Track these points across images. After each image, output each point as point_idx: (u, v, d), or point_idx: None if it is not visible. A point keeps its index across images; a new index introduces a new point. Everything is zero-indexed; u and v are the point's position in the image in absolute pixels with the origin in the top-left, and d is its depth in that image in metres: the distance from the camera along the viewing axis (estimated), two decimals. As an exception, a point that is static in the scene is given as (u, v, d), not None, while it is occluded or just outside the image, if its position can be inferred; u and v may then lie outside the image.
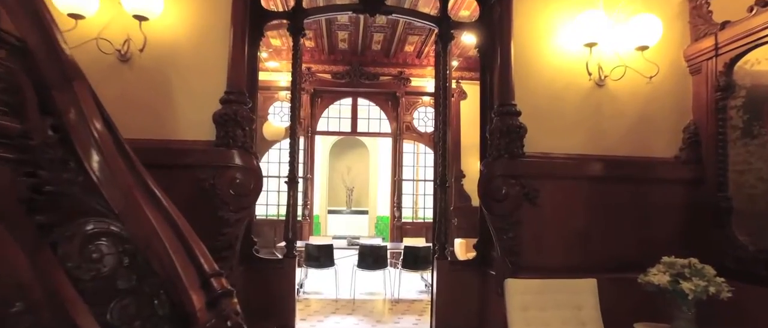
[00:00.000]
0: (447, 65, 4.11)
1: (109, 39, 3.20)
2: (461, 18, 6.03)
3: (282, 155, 9.82)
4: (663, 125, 3.71)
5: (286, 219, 3.87)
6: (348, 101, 9.57)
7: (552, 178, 3.49)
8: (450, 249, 4.02)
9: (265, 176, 9.53)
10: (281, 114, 9.05)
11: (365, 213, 14.24)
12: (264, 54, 7.73)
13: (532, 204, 3.42)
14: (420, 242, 7.50)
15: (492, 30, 3.78)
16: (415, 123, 9.49)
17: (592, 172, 3.58)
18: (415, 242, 7.39)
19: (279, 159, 9.83)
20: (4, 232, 1.38)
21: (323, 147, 14.04)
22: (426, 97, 9.42)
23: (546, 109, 3.62)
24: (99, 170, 1.62)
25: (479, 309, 3.78)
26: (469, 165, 8.99)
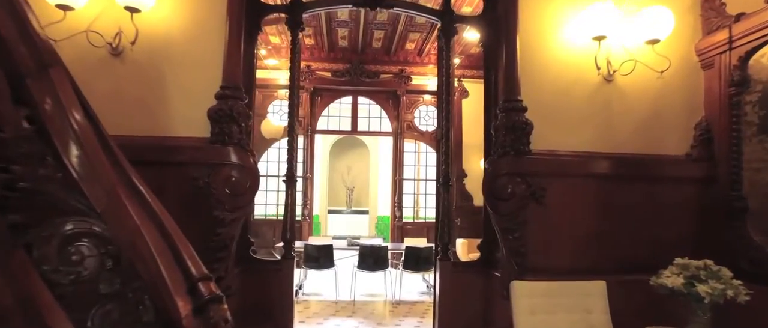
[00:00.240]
0: (450, 61, 3.99)
1: (100, 32, 3.07)
2: (463, 14, 5.90)
3: (281, 154, 9.71)
4: (673, 122, 3.59)
5: (284, 219, 3.76)
6: (348, 100, 9.46)
7: (559, 176, 3.37)
8: (452, 250, 3.90)
9: (264, 175, 9.50)
10: (280, 113, 8.95)
11: (366, 213, 14.13)
12: (263, 51, 7.63)
13: (538, 203, 3.31)
14: (421, 242, 7.39)
15: (496, 24, 3.66)
16: (416, 122, 9.38)
17: (600, 170, 3.46)
18: (417, 242, 7.28)
19: (278, 158, 9.71)
20: (-29, 232, 1.27)
21: (323, 146, 13.93)
22: (427, 96, 9.31)
23: (552, 105, 3.50)
24: (79, 165, 1.50)
25: (483, 312, 3.66)
26: (471, 164, 8.88)
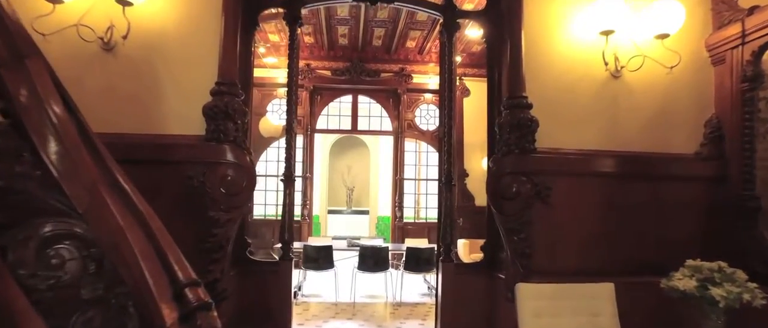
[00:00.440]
0: (452, 57, 3.89)
1: (91, 26, 2.97)
2: (466, 9, 5.79)
3: (280, 154, 9.54)
4: (682, 119, 3.49)
5: (281, 219, 3.65)
6: (348, 99, 9.36)
7: (565, 175, 3.27)
8: (455, 251, 3.80)
9: (263, 174, 9.40)
10: (280, 112, 8.85)
11: (366, 213, 14.03)
12: (262, 49, 7.52)
13: (544, 203, 3.21)
14: (422, 242, 7.28)
15: (500, 19, 3.56)
16: (417, 121, 9.27)
17: (607, 168, 3.36)
18: (418, 242, 7.18)
19: (277, 157, 9.60)
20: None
21: (323, 146, 13.83)
22: (428, 95, 9.21)
23: (558, 103, 3.40)
24: (59, 161, 1.41)
25: (487, 315, 3.56)
26: (473, 164, 8.79)
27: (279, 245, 3.73)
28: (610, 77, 3.42)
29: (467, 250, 7.29)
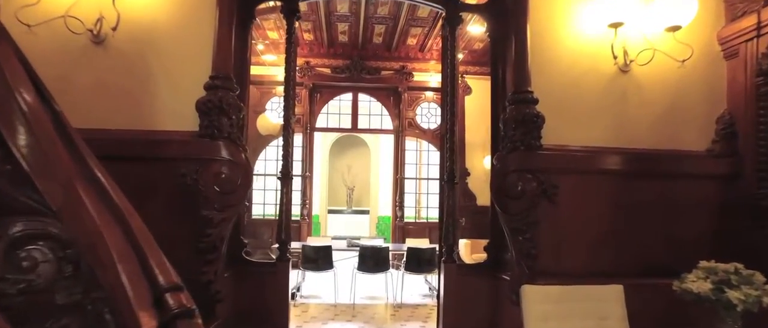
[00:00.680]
0: (454, 51, 3.78)
1: (79, 17, 2.85)
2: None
3: (279, 152, 9.45)
4: (693, 115, 3.37)
5: (278, 219, 3.54)
6: (348, 97, 9.25)
7: (572, 173, 3.16)
8: (457, 251, 3.69)
9: (263, 173, 9.27)
10: (279, 110, 8.71)
11: (366, 213, 13.90)
12: (260, 46, 7.41)
13: (550, 202, 3.09)
14: (423, 243, 7.16)
15: (505, 11, 3.44)
16: (418, 119, 9.16)
17: (615, 166, 3.26)
18: (419, 243, 7.05)
19: (277, 156, 9.46)
20: None
21: (323, 145, 13.71)
22: (429, 93, 9.09)
23: (565, 98, 3.29)
24: (31, 155, 1.29)
25: (490, 317, 3.44)
26: (474, 163, 8.68)
27: (276, 246, 3.62)
28: (618, 72, 3.30)
29: (469, 250, 7.18)
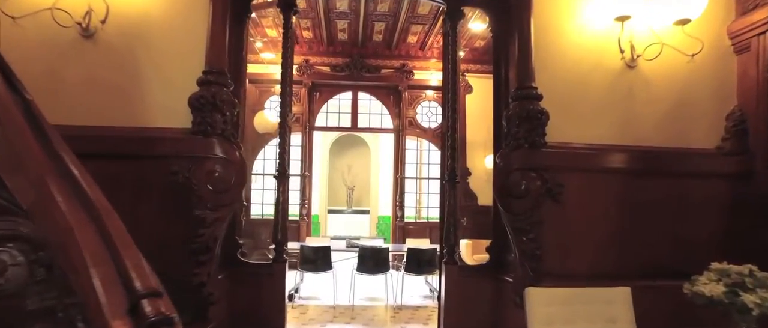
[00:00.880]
0: (456, 47, 3.68)
1: (67, 9, 2.75)
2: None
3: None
4: (702, 112, 3.27)
5: (275, 219, 3.45)
6: (348, 95, 9.15)
7: (578, 171, 3.06)
8: (458, 252, 3.59)
9: (262, 173, 9.16)
10: (278, 109, 8.63)
11: (366, 213, 13.81)
12: (258, 44, 7.32)
13: (555, 201, 2.99)
14: (424, 243, 7.06)
15: (508, 5, 3.34)
16: (419, 118, 9.06)
17: (622, 165, 3.15)
18: (419, 243, 6.95)
19: (276, 156, 9.37)
20: None
21: (323, 144, 13.62)
22: (430, 92, 8.99)
23: (569, 94, 3.19)
24: (-2, 149, 1.20)
25: (493, 320, 3.34)
26: (475, 162, 8.59)
27: (274, 246, 3.52)
28: (625, 67, 3.20)
29: (470, 251, 7.08)
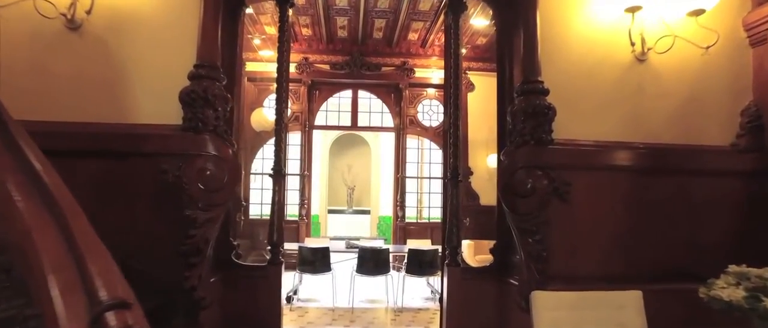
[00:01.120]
0: (458, 40, 3.54)
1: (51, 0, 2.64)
2: None
3: (278, 151, 9.25)
4: (715, 107, 3.15)
5: (270, 219, 3.32)
6: (348, 94, 9.02)
7: (587, 169, 2.93)
8: (461, 254, 3.46)
9: (261, 173, 9.01)
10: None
11: (367, 213, 13.67)
12: (256, 41, 7.19)
13: (562, 200, 2.87)
14: (425, 243, 6.93)
15: (512, -3, 3.22)
16: (420, 117, 8.93)
17: (632, 163, 3.03)
18: (420, 244, 6.82)
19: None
20: None
21: (323, 144, 13.48)
22: (431, 90, 8.86)
23: (577, 90, 3.08)
24: (-50, 142, 1.07)
25: (496, 324, 3.22)
26: (477, 161, 8.46)
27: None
28: (634, 61, 3.08)
29: (472, 251, 6.95)
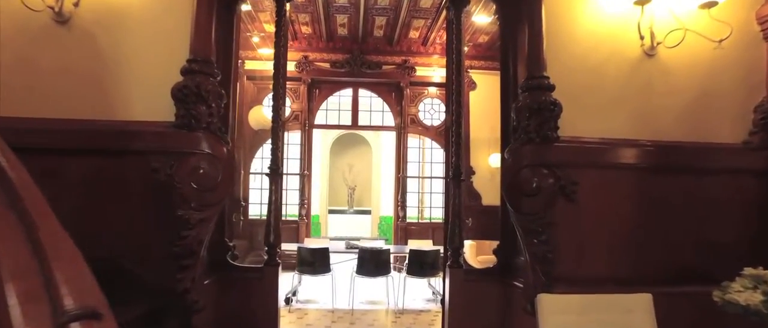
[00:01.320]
0: (460, 36, 3.44)
1: (37, -9, 2.55)
2: None
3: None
4: (728, 103, 3.05)
5: (266, 219, 3.21)
6: (348, 92, 8.92)
7: (594, 167, 2.84)
8: (463, 255, 3.35)
9: (260, 172, 8.91)
10: (276, 106, 8.41)
11: (368, 213, 13.57)
12: (255, 38, 7.10)
13: (569, 200, 2.77)
14: (426, 244, 6.83)
15: (516, -10, 3.12)
16: (421, 116, 8.82)
17: (641, 161, 2.93)
18: (421, 244, 6.72)
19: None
20: None
21: (323, 143, 13.38)
22: (432, 88, 8.75)
23: (583, 86, 2.99)
24: None
25: (500, 327, 3.11)
26: (479, 161, 8.34)
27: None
28: (643, 55, 2.98)
29: (474, 252, 6.84)
